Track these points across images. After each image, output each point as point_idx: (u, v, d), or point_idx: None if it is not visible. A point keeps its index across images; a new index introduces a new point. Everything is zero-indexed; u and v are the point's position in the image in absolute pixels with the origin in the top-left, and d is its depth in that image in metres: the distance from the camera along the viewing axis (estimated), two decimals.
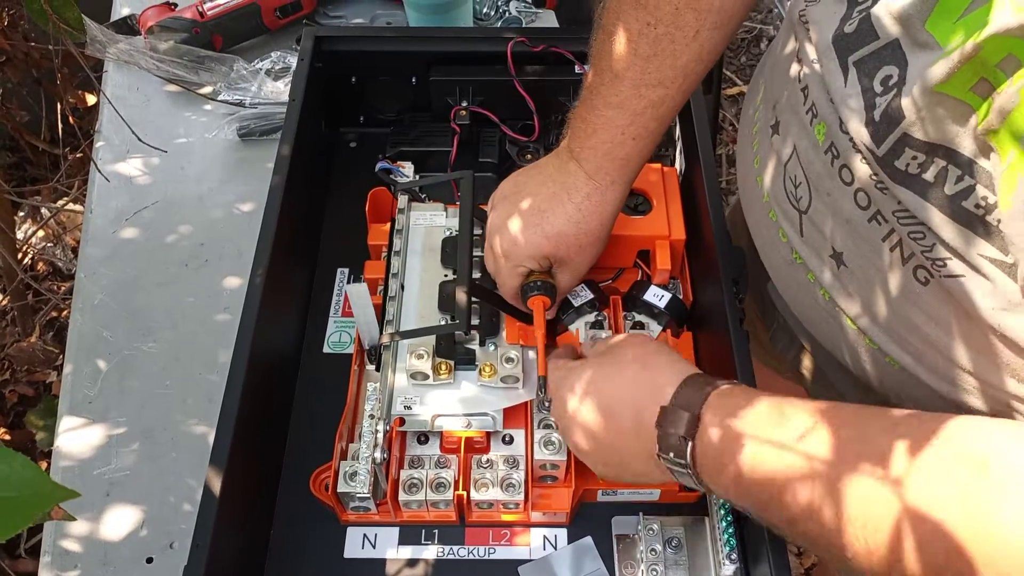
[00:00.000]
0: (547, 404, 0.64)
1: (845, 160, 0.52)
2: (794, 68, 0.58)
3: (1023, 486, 0.38)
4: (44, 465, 1.36)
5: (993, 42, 0.40)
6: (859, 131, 0.50)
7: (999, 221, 0.43)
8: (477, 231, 0.71)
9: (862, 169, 0.51)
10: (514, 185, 0.67)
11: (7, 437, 1.45)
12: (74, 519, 0.34)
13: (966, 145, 0.44)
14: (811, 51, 0.55)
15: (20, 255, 1.63)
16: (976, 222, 0.45)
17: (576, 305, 0.71)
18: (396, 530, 0.66)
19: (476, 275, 0.71)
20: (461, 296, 0.64)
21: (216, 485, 0.57)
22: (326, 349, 0.77)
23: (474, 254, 0.70)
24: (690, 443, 0.50)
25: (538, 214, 0.64)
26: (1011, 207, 0.41)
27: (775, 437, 0.46)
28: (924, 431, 0.41)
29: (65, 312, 1.57)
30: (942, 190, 0.46)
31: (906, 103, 0.47)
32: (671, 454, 0.51)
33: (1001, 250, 0.44)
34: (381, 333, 0.68)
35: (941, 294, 0.49)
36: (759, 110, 0.65)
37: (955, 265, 0.47)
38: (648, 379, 0.54)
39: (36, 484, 0.27)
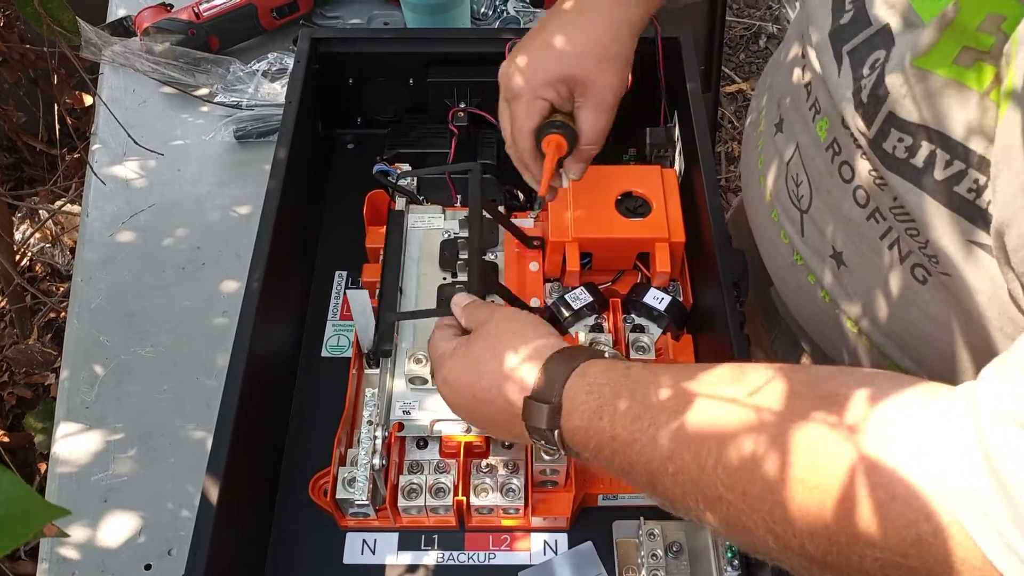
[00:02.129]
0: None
1: (846, 156, 0.52)
2: (798, 67, 0.58)
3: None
4: (43, 467, 1.36)
5: (970, 3, 0.40)
6: (852, 115, 0.50)
7: (989, 203, 0.42)
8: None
9: (861, 164, 0.51)
10: (534, 31, 0.64)
11: (6, 439, 1.45)
12: (67, 536, 0.33)
13: (955, 127, 0.43)
14: (812, 48, 0.55)
15: (18, 256, 1.62)
16: (969, 207, 0.44)
17: (575, 308, 0.71)
18: (396, 536, 0.66)
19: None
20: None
21: (213, 492, 0.57)
22: (324, 353, 0.76)
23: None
24: (557, 432, 0.49)
25: (553, 35, 0.61)
26: (997, 149, 0.40)
27: (634, 415, 0.44)
28: (791, 381, 0.40)
29: (63, 314, 1.57)
30: (932, 176, 0.45)
31: (890, 80, 0.46)
32: (542, 442, 0.50)
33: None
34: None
35: (939, 292, 0.49)
36: (765, 109, 0.65)
37: (950, 259, 0.46)
38: (509, 370, 0.52)
39: (26, 503, 0.27)
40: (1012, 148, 0.37)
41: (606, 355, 0.52)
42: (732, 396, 0.41)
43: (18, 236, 1.67)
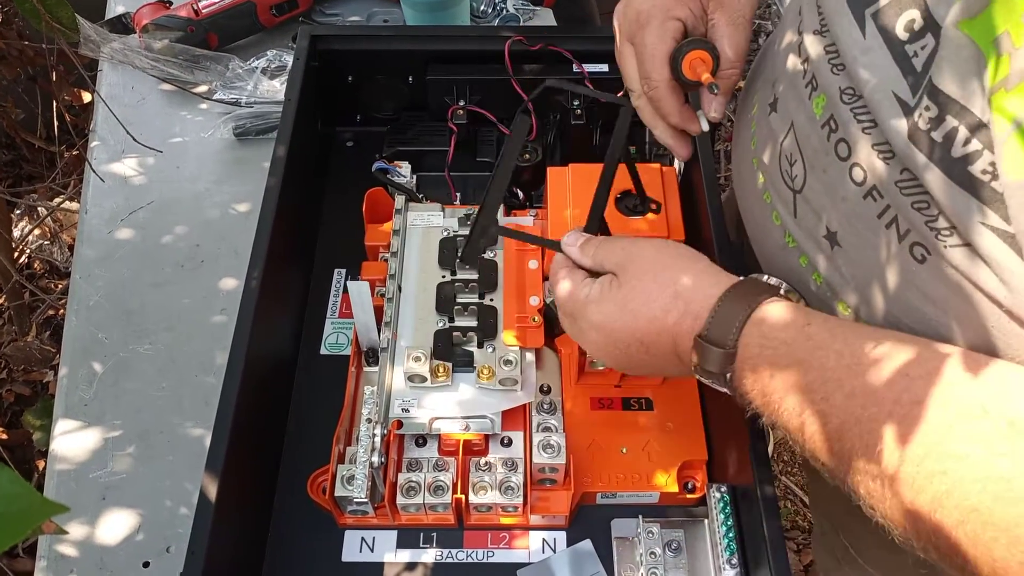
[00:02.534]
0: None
1: (843, 134, 0.51)
2: (793, 48, 0.57)
3: None
4: (41, 464, 1.36)
5: None
6: (892, 82, 0.48)
7: (1004, 190, 0.41)
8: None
9: (862, 139, 0.50)
10: None
11: (4, 436, 1.45)
12: (66, 532, 0.33)
13: (978, 105, 0.42)
14: (815, 18, 0.54)
15: (17, 253, 1.62)
16: (981, 188, 0.43)
17: None
18: (394, 533, 0.66)
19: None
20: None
21: (212, 490, 0.57)
22: (323, 351, 0.76)
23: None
24: (729, 375, 0.49)
25: None
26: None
27: (812, 381, 0.45)
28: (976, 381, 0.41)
29: (62, 311, 1.56)
30: (949, 152, 0.44)
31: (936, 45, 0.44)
32: (710, 381, 0.50)
33: (1005, 219, 0.42)
34: (379, 334, 0.68)
35: (939, 272, 0.48)
36: (758, 92, 0.64)
37: (958, 236, 0.45)
38: (682, 309, 0.51)
39: (24, 499, 0.27)
40: None
41: (781, 292, 0.50)
42: (906, 386, 0.41)
43: (17, 233, 1.67)
